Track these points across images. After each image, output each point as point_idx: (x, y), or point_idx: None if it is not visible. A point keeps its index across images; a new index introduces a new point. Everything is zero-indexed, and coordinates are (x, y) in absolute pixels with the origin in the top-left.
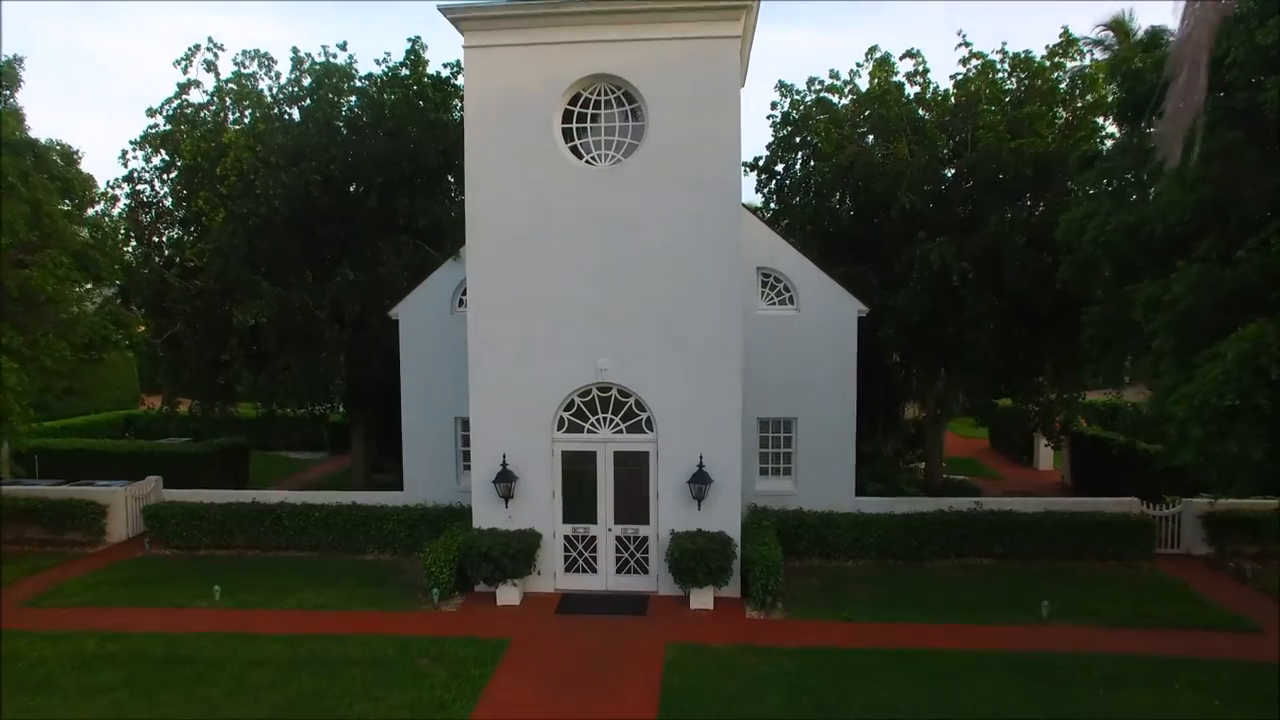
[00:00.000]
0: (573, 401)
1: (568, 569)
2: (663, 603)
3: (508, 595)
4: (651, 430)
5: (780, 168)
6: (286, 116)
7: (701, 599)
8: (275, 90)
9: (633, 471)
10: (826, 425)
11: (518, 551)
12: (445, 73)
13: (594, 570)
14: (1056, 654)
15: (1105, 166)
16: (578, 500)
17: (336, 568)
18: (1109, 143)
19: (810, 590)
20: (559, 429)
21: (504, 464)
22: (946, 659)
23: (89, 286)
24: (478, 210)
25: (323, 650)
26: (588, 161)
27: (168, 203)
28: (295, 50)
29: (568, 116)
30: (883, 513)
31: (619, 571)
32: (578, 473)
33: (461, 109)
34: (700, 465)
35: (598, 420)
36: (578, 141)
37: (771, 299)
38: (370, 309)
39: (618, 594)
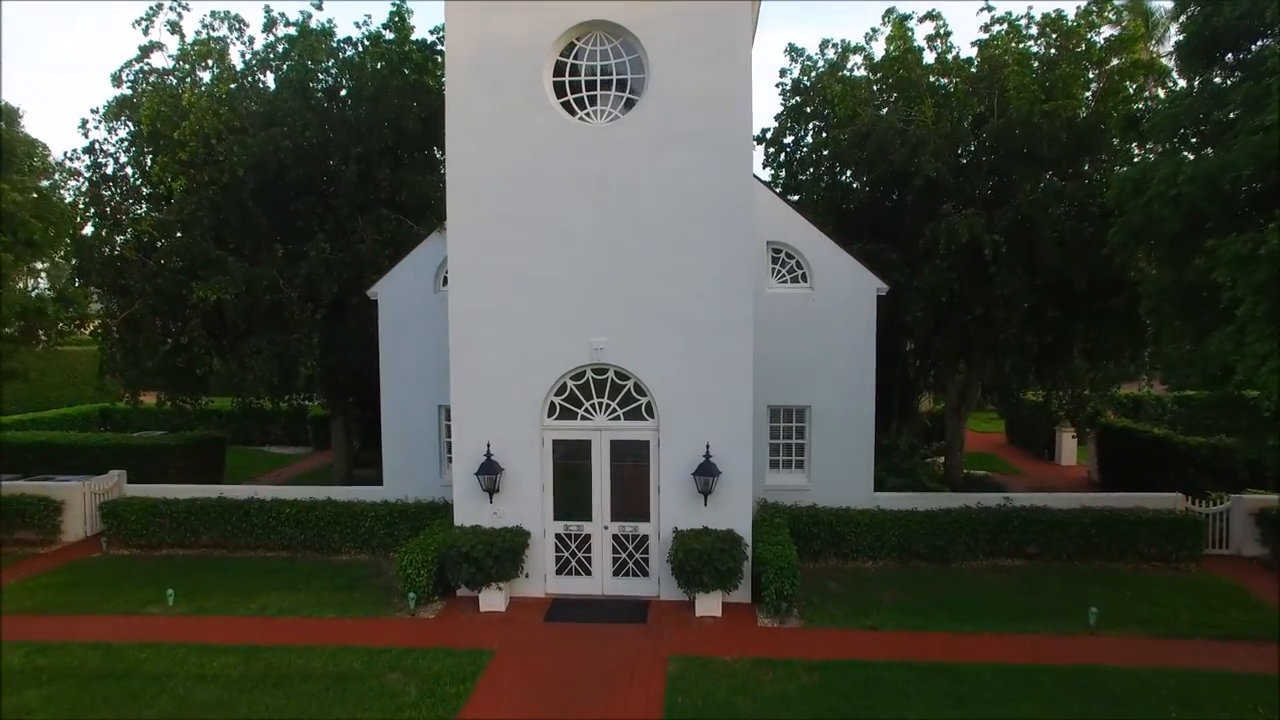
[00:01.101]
0: (565, 385)
1: (559, 571)
2: (665, 609)
3: (492, 600)
4: (652, 416)
5: (789, 140)
6: (260, 84)
7: (708, 605)
8: (248, 56)
9: (632, 463)
10: (843, 413)
11: (503, 551)
12: (432, 39)
13: (588, 572)
14: (1111, 668)
15: (1167, 114)
16: (571, 494)
17: (307, 569)
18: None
19: (828, 595)
20: (550, 415)
21: (488, 454)
22: (987, 675)
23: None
24: (459, 173)
25: (281, 663)
26: (581, 118)
27: (136, 179)
28: (268, 10)
29: (559, 69)
30: (905, 509)
31: (616, 574)
32: (570, 464)
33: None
34: (707, 455)
35: (593, 406)
36: (570, 97)
37: (783, 276)
38: (349, 289)
39: (615, 599)
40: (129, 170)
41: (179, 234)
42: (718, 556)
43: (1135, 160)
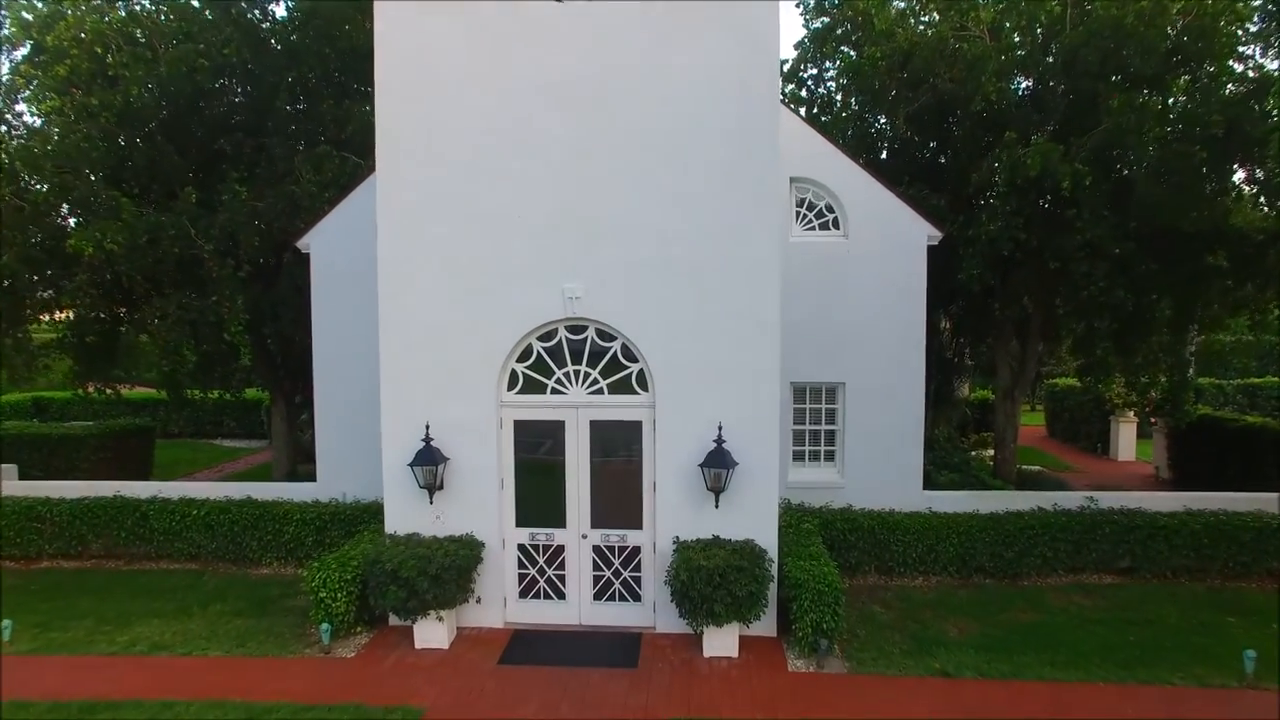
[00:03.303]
0: (530, 348)
1: (523, 593)
2: (662, 646)
3: (430, 634)
4: (646, 389)
5: (811, 73)
6: None
7: (721, 642)
8: None
9: (619, 451)
10: (885, 393)
11: (444, 569)
12: None
13: (561, 596)
14: None
15: None
16: (538, 493)
17: (214, 587)
18: None
19: (875, 624)
20: (510, 388)
21: (427, 439)
22: None
23: None
24: (389, 72)
25: None
26: None
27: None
28: None
29: None
30: (963, 512)
31: (598, 598)
32: (538, 453)
33: None
34: (719, 440)
35: (567, 375)
36: None
37: (809, 221)
38: (283, 243)
39: (596, 631)
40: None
41: (62, 171)
42: (734, 577)
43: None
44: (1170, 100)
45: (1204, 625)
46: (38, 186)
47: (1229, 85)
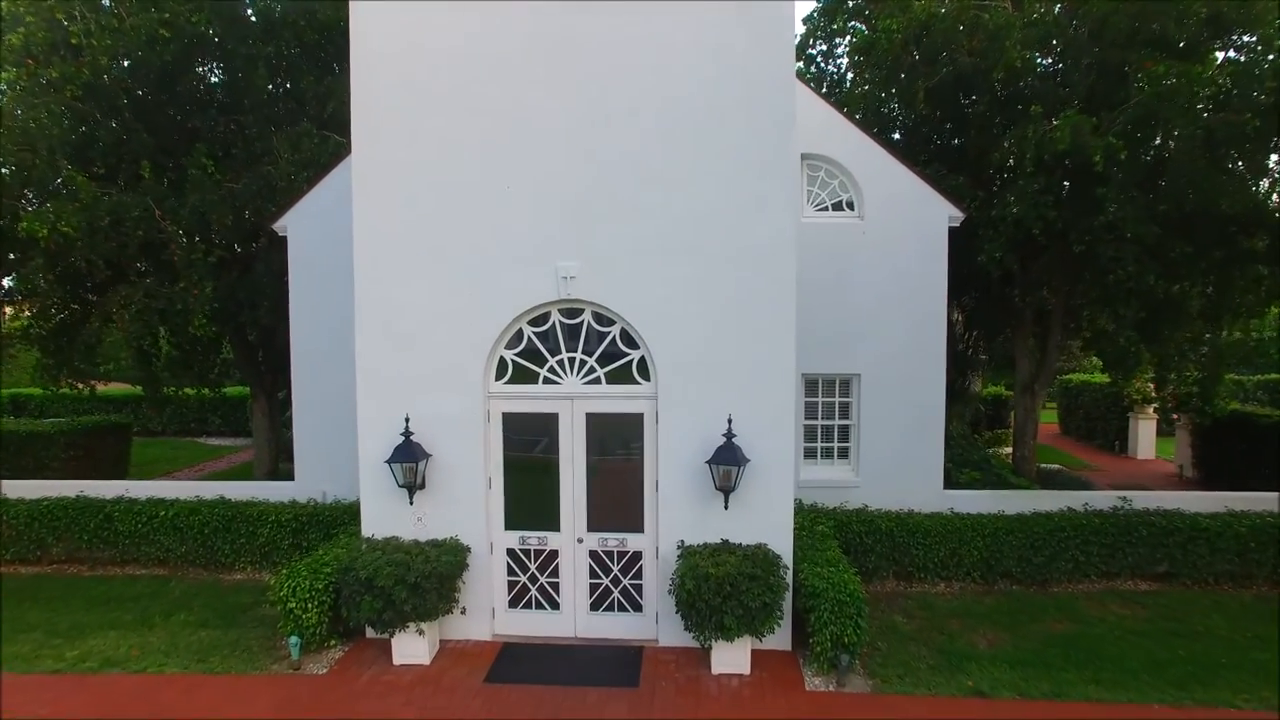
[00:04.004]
0: (521, 333)
1: (513, 603)
2: (665, 662)
3: (410, 648)
4: (648, 379)
5: (821, 49)
6: None
7: (731, 657)
8: None
9: (618, 445)
10: (903, 385)
11: (425, 577)
12: None
13: (554, 606)
14: None
15: None
16: (530, 493)
17: (181, 594)
18: None
19: (897, 635)
20: (499, 378)
21: (407, 433)
22: None
23: None
24: (365, 39)
25: None
26: None
27: None
28: None
29: None
30: (988, 512)
31: (595, 608)
32: (530, 449)
33: None
34: (729, 435)
35: (561, 363)
36: None
37: (820, 200)
38: (259, 227)
39: (593, 645)
40: None
41: (20, 150)
42: (746, 586)
43: None
44: (1207, 72)
45: (1260, 639)
46: None
47: (1270, 56)
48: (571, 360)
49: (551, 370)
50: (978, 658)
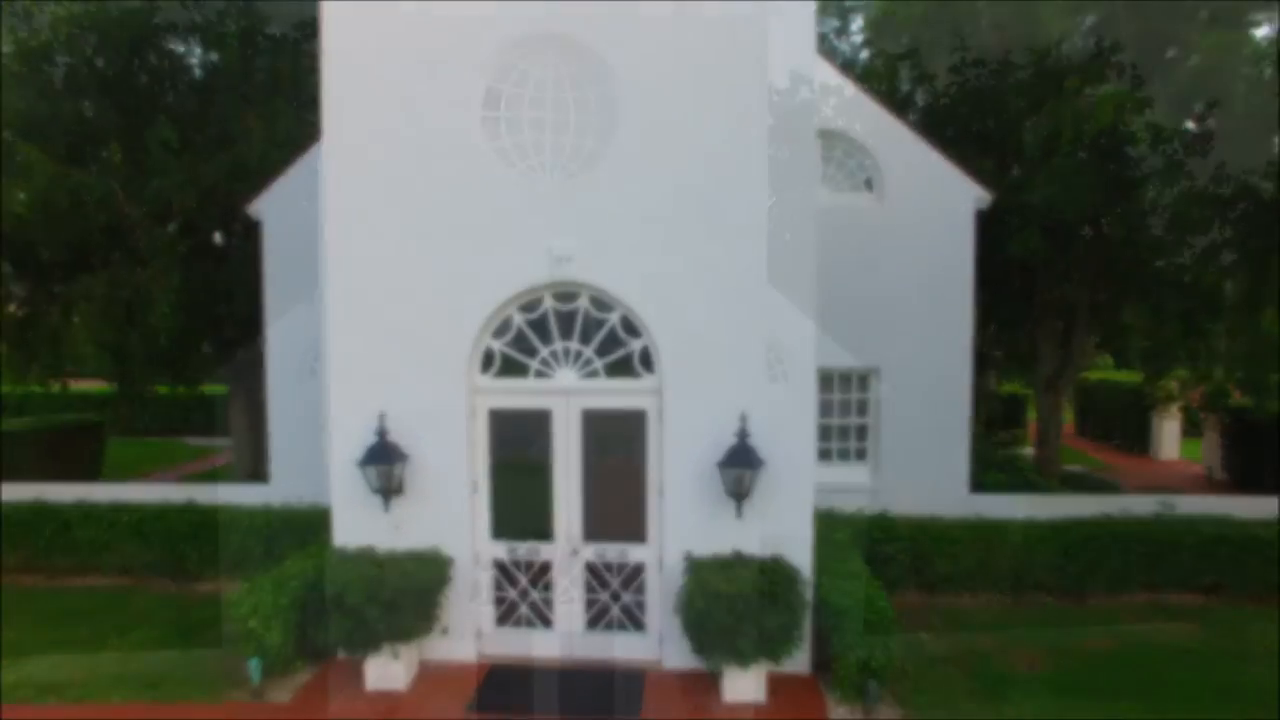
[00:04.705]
0: (509, 320)
1: (501, 620)
2: (671, 687)
3: (385, 672)
4: (652, 371)
5: (834, 25)
6: None
7: (745, 684)
8: None
9: (618, 446)
10: (925, 381)
11: (400, 593)
12: None
13: (547, 623)
14: None
15: None
16: (519, 498)
17: (141, 607)
18: None
19: (928, 657)
20: (485, 370)
21: (381, 432)
22: None
23: None
24: None
25: None
26: None
27: None
28: None
29: None
30: (1017, 518)
31: (593, 626)
32: (519, 449)
33: None
34: (742, 435)
35: (555, 354)
36: None
37: (837, 181)
38: (232, 210)
39: (590, 666)
40: None
41: None
42: (761, 605)
43: None
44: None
45: None
46: None
47: None
48: (566, 351)
49: (544, 362)
50: (1018, 683)
